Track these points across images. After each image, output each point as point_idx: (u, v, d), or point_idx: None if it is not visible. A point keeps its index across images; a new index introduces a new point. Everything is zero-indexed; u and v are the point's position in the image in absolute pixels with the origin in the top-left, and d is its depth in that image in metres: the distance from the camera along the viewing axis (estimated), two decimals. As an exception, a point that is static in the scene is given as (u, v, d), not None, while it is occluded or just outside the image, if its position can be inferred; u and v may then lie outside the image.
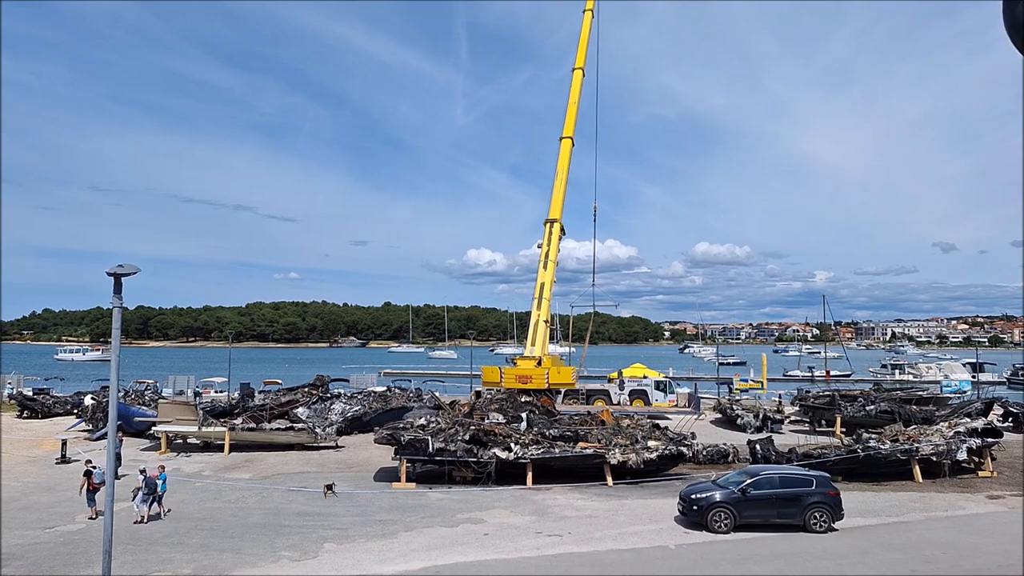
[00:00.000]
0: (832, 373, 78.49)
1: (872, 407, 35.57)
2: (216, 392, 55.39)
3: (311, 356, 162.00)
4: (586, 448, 25.01)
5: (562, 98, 46.96)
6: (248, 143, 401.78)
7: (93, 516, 19.62)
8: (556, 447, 25.01)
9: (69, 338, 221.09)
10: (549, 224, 43.37)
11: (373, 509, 21.22)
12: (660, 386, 47.89)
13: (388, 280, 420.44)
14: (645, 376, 52.18)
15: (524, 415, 28.14)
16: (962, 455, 25.24)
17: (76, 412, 40.25)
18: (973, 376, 72.92)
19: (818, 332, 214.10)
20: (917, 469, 25.08)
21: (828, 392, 42.91)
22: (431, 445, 24.17)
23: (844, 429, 34.16)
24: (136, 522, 19.02)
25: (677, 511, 19.94)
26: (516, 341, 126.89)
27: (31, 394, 45.84)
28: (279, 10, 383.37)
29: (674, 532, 18.71)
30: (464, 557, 16.59)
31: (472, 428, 25.48)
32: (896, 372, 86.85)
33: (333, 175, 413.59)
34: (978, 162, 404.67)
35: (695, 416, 39.71)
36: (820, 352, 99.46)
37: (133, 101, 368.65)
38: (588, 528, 19.14)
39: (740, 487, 19.02)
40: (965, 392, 56.43)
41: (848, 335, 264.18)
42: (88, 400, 38.54)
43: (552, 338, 54.41)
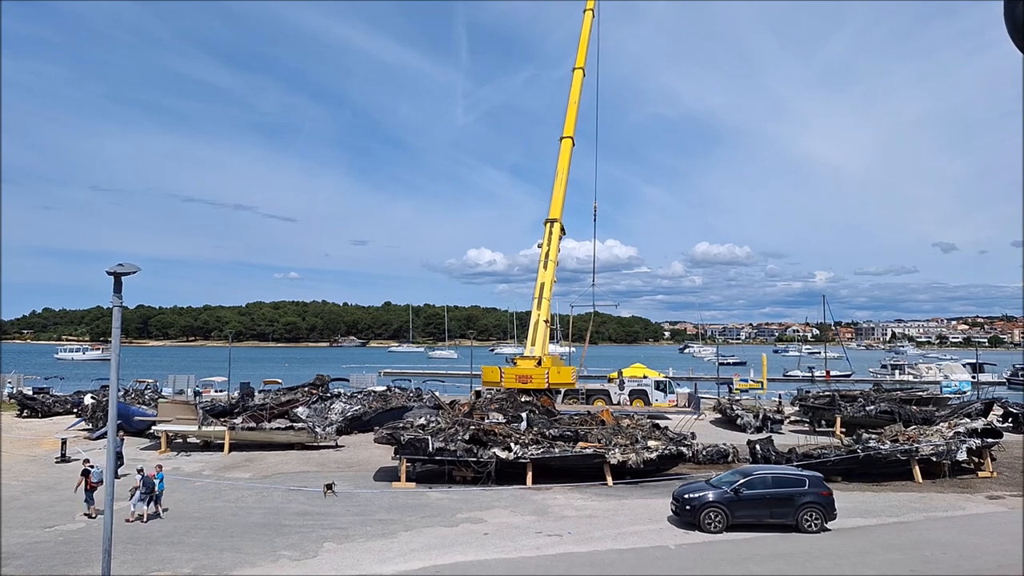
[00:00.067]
0: (832, 373, 78.49)
1: (872, 407, 35.58)
2: (216, 391, 55.38)
3: (311, 356, 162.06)
4: (586, 448, 24.99)
5: (562, 98, 46.99)
6: (248, 143, 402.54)
7: (92, 515, 19.62)
8: (556, 447, 24.99)
9: (69, 337, 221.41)
10: (549, 224, 43.36)
11: (373, 509, 21.23)
12: (660, 386, 47.92)
13: (388, 280, 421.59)
14: (645, 376, 52.21)
15: (524, 415, 28.11)
16: (962, 455, 25.24)
17: (76, 411, 40.25)
18: (973, 376, 72.92)
19: (818, 332, 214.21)
20: (917, 469, 25.09)
21: (828, 392, 42.92)
22: (431, 445, 24.16)
23: (844, 429, 34.16)
24: (128, 520, 18.97)
25: (670, 511, 19.91)
26: (516, 341, 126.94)
27: (31, 393, 45.94)
28: (279, 10, 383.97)
29: (674, 532, 18.71)
30: (464, 557, 16.60)
31: (472, 428, 25.46)
32: (896, 372, 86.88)
33: (333, 175, 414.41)
34: (978, 162, 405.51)
35: (695, 416, 39.70)
36: (820, 352, 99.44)
37: (133, 101, 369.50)
38: (588, 528, 19.13)
39: (733, 487, 19.00)
40: (965, 392, 56.42)
41: (848, 335, 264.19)
42: (88, 399, 38.56)
43: (552, 338, 54.42)
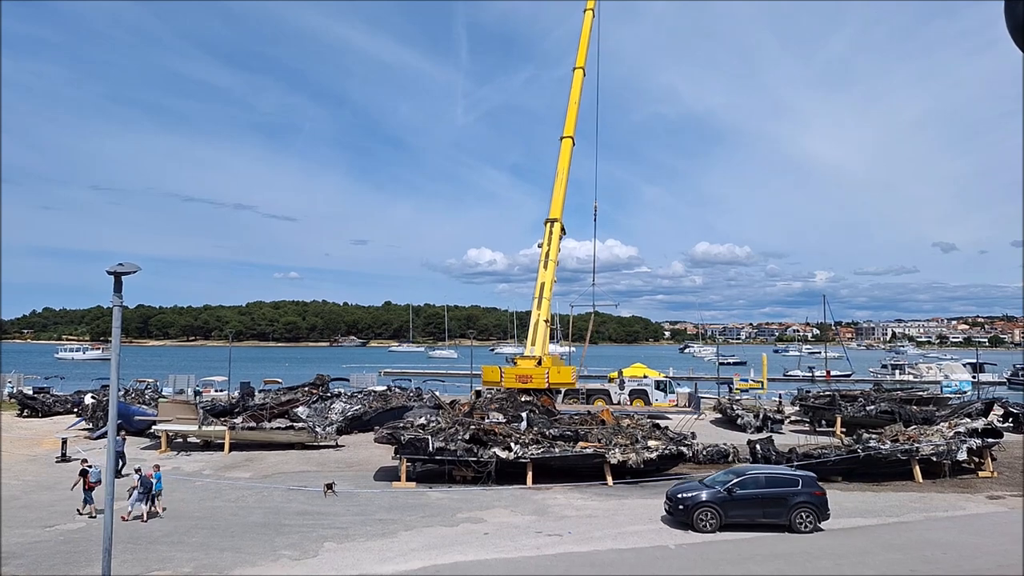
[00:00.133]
0: (832, 373, 78.50)
1: (872, 407, 35.56)
2: (216, 391, 55.39)
3: (311, 355, 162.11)
4: (586, 448, 24.98)
5: (562, 98, 47.02)
6: (248, 143, 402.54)
7: (93, 515, 19.61)
8: (556, 447, 24.98)
9: (69, 337, 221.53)
10: (549, 224, 43.37)
11: (373, 508, 21.23)
12: (660, 386, 47.92)
13: (388, 279, 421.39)
14: (645, 376, 52.23)
15: (524, 415, 28.10)
16: (962, 455, 25.23)
17: (76, 411, 40.24)
18: (973, 376, 72.88)
19: (818, 332, 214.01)
20: (917, 469, 25.07)
21: (828, 392, 42.93)
22: (431, 444, 24.16)
23: (844, 429, 34.14)
24: (124, 519, 18.86)
25: (663, 510, 19.89)
26: (516, 340, 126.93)
27: (31, 393, 45.94)
28: (279, 10, 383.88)
29: (674, 532, 18.69)
30: (464, 556, 16.59)
31: (472, 427, 25.46)
32: (896, 372, 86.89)
33: (333, 175, 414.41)
34: (978, 162, 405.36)
35: (695, 416, 39.71)
36: (820, 352, 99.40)
37: (133, 101, 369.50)
38: (588, 528, 19.12)
39: (726, 486, 18.98)
40: (965, 392, 56.41)
41: (848, 335, 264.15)
42: (88, 399, 38.58)
43: (552, 338, 54.45)
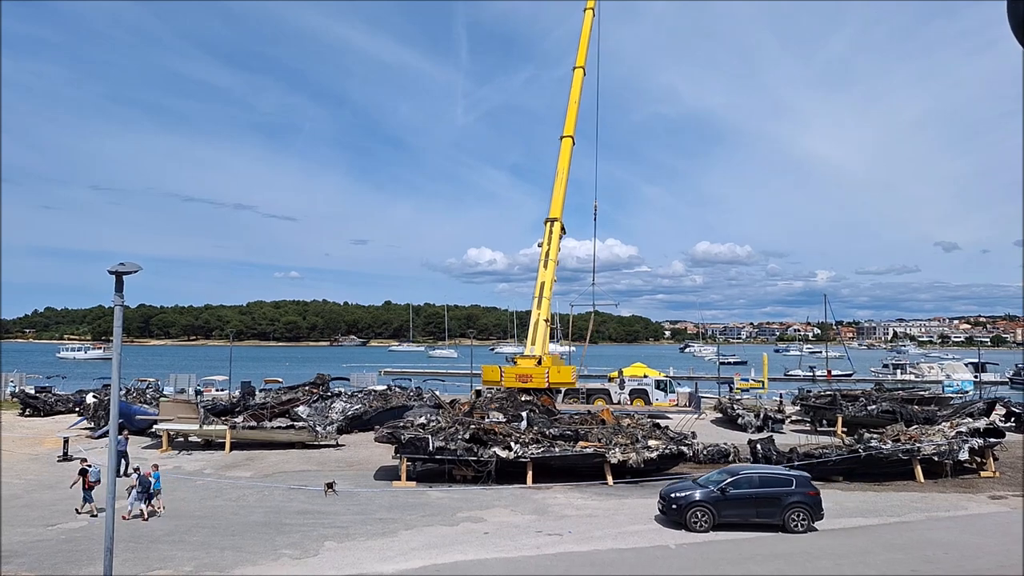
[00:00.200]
0: (833, 373, 78.54)
1: (874, 407, 35.51)
2: (217, 390, 55.46)
3: (312, 355, 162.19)
4: (586, 447, 24.97)
5: (562, 98, 47.04)
6: (248, 143, 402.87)
7: (94, 514, 19.63)
8: (556, 446, 24.96)
9: (71, 336, 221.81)
10: (549, 223, 43.38)
11: (373, 507, 21.23)
12: (661, 385, 47.90)
13: (388, 279, 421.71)
14: (646, 375, 52.21)
15: (524, 414, 28.09)
16: (964, 455, 25.17)
17: (78, 410, 40.32)
18: (975, 376, 72.86)
19: (819, 331, 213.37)
20: (919, 469, 25.03)
21: (829, 392, 42.93)
22: (431, 444, 24.15)
23: (845, 429, 34.14)
24: (124, 518, 18.84)
25: (657, 510, 19.86)
26: (516, 340, 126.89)
27: (33, 392, 46.00)
28: (279, 10, 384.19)
29: (674, 532, 18.65)
30: (464, 556, 16.59)
31: (472, 427, 25.46)
32: (898, 372, 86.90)
33: (333, 175, 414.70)
34: (979, 161, 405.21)
35: (696, 415, 39.69)
36: (821, 352, 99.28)
37: (133, 101, 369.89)
38: (588, 527, 19.11)
39: (720, 486, 18.95)
40: (967, 392, 56.43)
41: (849, 335, 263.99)
42: (90, 398, 38.57)
43: (552, 337, 54.48)
